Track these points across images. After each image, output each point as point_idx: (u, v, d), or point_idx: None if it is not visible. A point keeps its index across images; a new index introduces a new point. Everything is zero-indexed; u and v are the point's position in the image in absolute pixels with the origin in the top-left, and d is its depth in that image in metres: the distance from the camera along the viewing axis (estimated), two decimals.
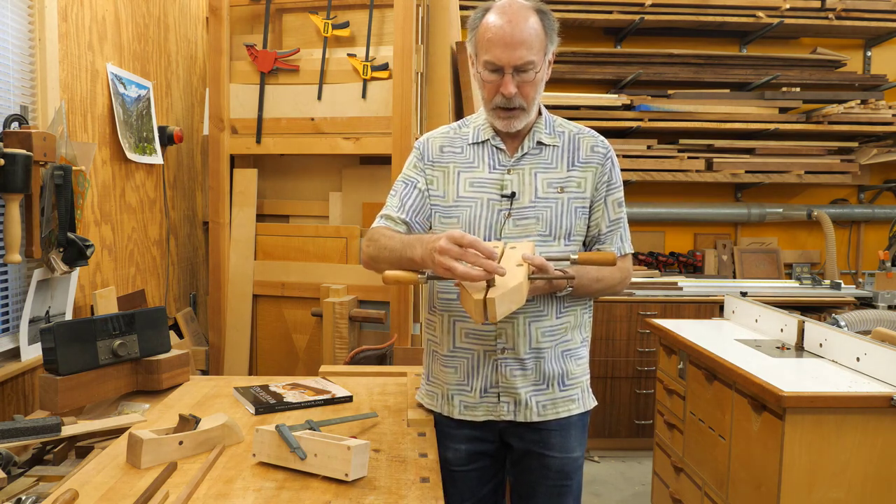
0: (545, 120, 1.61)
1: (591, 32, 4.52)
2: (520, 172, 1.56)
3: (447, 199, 1.58)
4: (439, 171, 1.61)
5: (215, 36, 2.88)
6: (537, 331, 1.55)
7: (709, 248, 4.63)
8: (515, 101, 1.50)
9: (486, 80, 1.50)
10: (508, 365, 1.55)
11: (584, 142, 1.60)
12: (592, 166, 1.58)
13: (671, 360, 2.83)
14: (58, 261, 1.93)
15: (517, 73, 1.47)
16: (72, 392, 1.61)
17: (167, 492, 1.19)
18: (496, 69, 1.47)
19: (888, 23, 4.36)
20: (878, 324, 2.54)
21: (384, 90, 2.75)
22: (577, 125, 1.64)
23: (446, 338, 1.60)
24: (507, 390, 1.57)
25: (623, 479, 3.55)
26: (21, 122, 1.82)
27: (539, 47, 1.47)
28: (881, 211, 4.66)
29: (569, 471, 1.62)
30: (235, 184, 2.95)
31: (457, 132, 1.65)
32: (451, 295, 1.58)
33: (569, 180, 1.56)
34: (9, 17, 1.88)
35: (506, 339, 1.55)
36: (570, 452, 1.61)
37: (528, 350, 1.55)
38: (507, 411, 1.57)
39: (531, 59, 1.46)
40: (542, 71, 1.51)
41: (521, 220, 1.54)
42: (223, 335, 2.93)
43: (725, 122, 4.30)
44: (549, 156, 1.58)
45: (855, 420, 1.93)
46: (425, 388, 1.69)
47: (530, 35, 1.45)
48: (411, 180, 1.62)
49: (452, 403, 1.61)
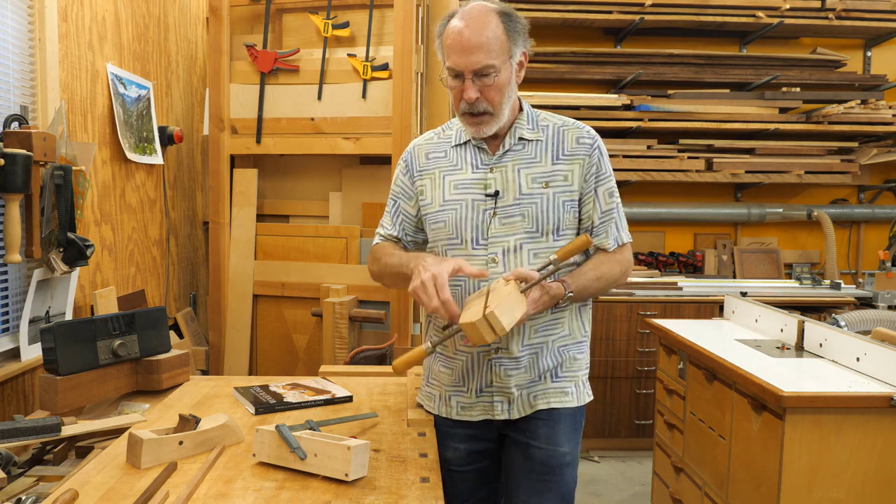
0: (527, 115, 1.60)
1: (591, 32, 4.52)
2: (503, 170, 1.55)
3: (434, 205, 1.59)
4: (427, 179, 1.62)
5: (215, 36, 2.88)
6: (531, 328, 1.55)
7: (709, 248, 4.63)
8: (479, 106, 1.49)
9: (451, 86, 1.51)
10: (503, 364, 1.55)
11: (569, 134, 1.58)
12: (579, 158, 1.56)
13: (671, 360, 2.83)
14: (58, 261, 1.93)
15: (477, 77, 1.46)
16: (72, 392, 1.61)
17: (167, 492, 1.19)
18: (457, 74, 1.48)
19: (888, 23, 4.36)
20: (878, 324, 2.54)
21: (384, 90, 2.75)
22: (563, 118, 1.62)
23: (450, 342, 1.59)
24: (501, 390, 1.57)
25: (623, 479, 3.55)
26: (21, 122, 1.82)
27: (500, 50, 1.46)
28: (881, 211, 4.66)
29: (554, 465, 1.58)
30: (235, 184, 2.95)
31: (440, 136, 1.66)
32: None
33: (554, 174, 1.55)
34: (9, 17, 1.88)
35: (499, 339, 1.51)
36: (557, 445, 1.58)
37: (521, 347, 1.55)
38: (501, 410, 1.57)
39: (490, 62, 1.45)
40: (507, 74, 1.49)
41: (507, 219, 1.54)
42: (223, 335, 2.93)
43: (725, 122, 4.30)
44: (533, 150, 1.57)
45: (855, 420, 1.93)
46: (425, 390, 1.70)
47: (488, 39, 1.44)
48: (396, 198, 1.67)
49: (450, 405, 1.62)
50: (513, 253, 1.53)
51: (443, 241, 1.59)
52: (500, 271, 1.52)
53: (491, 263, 1.53)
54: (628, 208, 4.55)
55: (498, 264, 1.53)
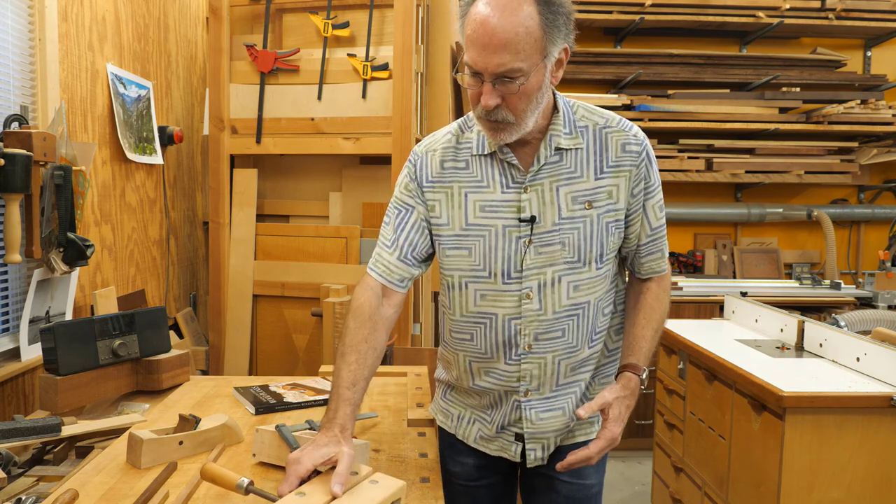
0: (564, 116, 1.31)
1: (591, 32, 4.52)
2: (538, 189, 1.29)
3: (453, 227, 1.33)
4: (441, 193, 1.34)
5: (215, 36, 2.88)
6: (566, 367, 1.35)
7: (709, 248, 4.63)
8: (498, 115, 1.21)
9: (468, 84, 1.22)
10: (533, 408, 1.36)
11: (613, 139, 1.31)
12: (626, 170, 1.30)
13: (671, 360, 2.83)
14: (58, 261, 1.93)
15: (499, 81, 1.18)
16: (72, 392, 1.61)
17: (167, 492, 1.19)
18: (475, 73, 1.20)
19: (888, 23, 4.36)
20: (878, 324, 2.54)
21: (384, 90, 2.75)
22: (604, 114, 1.34)
23: (465, 376, 1.43)
24: (534, 436, 1.38)
25: (623, 479, 3.55)
26: (21, 122, 1.82)
27: (532, 49, 1.16)
28: (881, 211, 4.66)
29: (579, 498, 1.43)
30: (235, 184, 2.95)
31: (459, 139, 1.36)
32: (465, 335, 1.39)
33: (597, 191, 1.29)
34: (9, 17, 1.88)
35: (530, 381, 1.35)
36: (584, 479, 1.43)
37: (555, 388, 1.36)
38: (535, 458, 1.40)
39: (517, 65, 1.15)
40: (538, 78, 1.20)
41: (545, 248, 1.30)
42: (223, 335, 2.93)
43: (725, 122, 4.30)
44: (572, 163, 1.30)
45: (855, 420, 1.93)
46: (441, 405, 1.53)
47: (517, 35, 1.14)
48: (405, 206, 1.37)
49: (470, 431, 1.46)
50: (550, 287, 1.31)
51: (465, 272, 1.34)
52: (534, 308, 1.32)
53: (525, 300, 1.32)
54: None
55: (532, 301, 1.31)
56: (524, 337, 1.33)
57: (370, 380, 1.27)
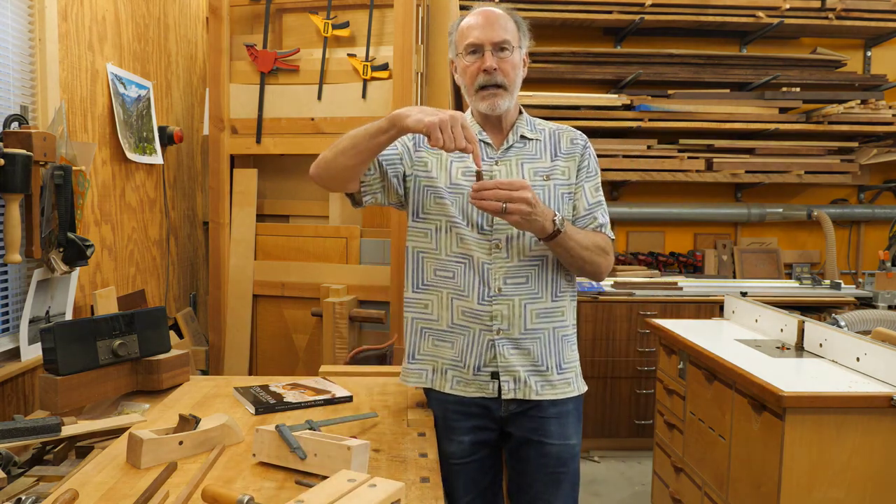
0: (526, 119, 1.72)
1: (591, 32, 4.52)
2: (507, 163, 1.65)
3: (440, 181, 1.65)
4: (433, 157, 1.68)
5: (215, 36, 2.88)
6: (532, 312, 1.61)
7: (709, 248, 4.63)
8: (497, 78, 1.59)
9: (468, 64, 1.61)
10: (504, 345, 1.60)
11: (564, 136, 1.72)
12: (574, 156, 1.69)
13: (671, 360, 2.83)
14: (58, 261, 1.93)
15: (497, 50, 1.59)
16: (72, 392, 1.61)
17: (167, 492, 1.19)
18: (475, 49, 1.59)
19: (888, 23, 4.36)
20: (878, 324, 2.54)
21: (384, 90, 2.75)
22: (556, 124, 1.76)
23: (445, 314, 1.64)
24: (507, 369, 1.61)
25: (623, 479, 3.55)
26: (21, 122, 1.82)
27: (514, 35, 1.62)
28: (881, 211, 4.66)
29: (566, 458, 1.66)
30: (235, 184, 2.95)
31: None
32: (448, 273, 1.63)
33: (554, 169, 1.66)
34: (9, 17, 1.88)
35: (501, 320, 1.60)
36: (567, 440, 1.67)
37: (523, 331, 1.61)
38: (508, 389, 1.61)
39: (508, 38, 1.59)
40: (519, 57, 1.63)
41: None
42: (223, 335, 2.93)
43: (725, 122, 4.30)
44: (533, 148, 1.69)
45: (855, 420, 1.93)
46: (410, 368, 1.71)
47: (507, 21, 1.61)
48: (393, 146, 1.66)
49: (445, 378, 1.65)
50: (516, 239, 1.60)
51: (447, 217, 1.63)
52: (503, 256, 1.60)
53: (494, 249, 1.61)
54: (628, 208, 4.55)
55: (501, 250, 1.61)
56: (495, 280, 1.60)
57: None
